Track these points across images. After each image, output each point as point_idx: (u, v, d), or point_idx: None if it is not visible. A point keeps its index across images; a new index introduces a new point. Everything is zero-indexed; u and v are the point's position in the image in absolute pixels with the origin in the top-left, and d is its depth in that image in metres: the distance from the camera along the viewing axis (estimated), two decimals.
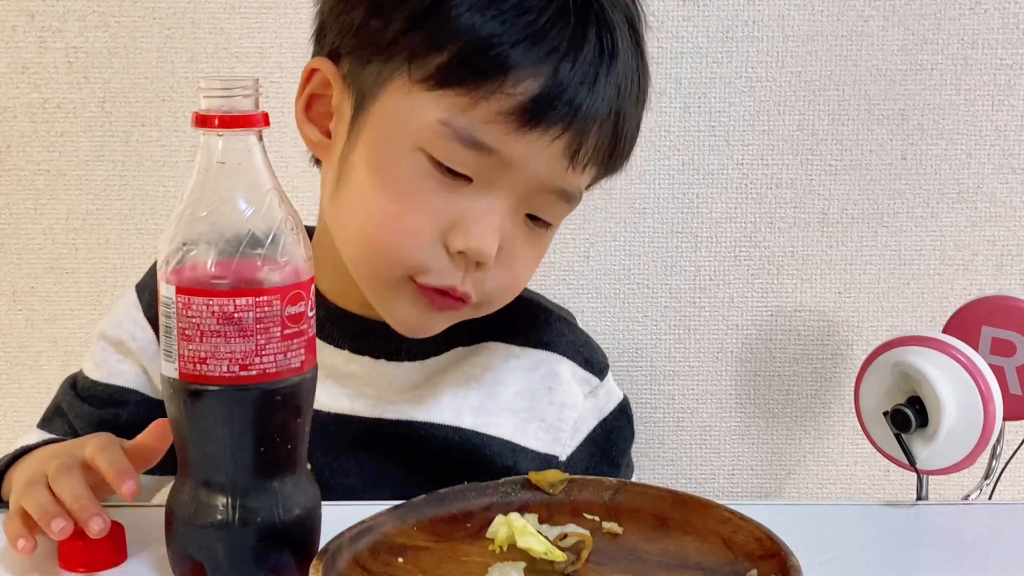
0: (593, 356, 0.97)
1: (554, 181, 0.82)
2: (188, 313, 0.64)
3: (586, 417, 0.95)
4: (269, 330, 0.64)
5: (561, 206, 0.85)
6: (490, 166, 0.80)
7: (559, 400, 0.93)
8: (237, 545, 0.66)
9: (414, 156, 0.80)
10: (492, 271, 0.83)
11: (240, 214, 0.65)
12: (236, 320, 0.63)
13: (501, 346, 0.93)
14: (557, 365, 0.94)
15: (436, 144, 0.79)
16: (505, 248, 0.82)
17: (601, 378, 0.96)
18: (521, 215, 0.83)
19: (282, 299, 0.65)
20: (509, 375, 0.92)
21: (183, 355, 0.64)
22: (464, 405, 0.91)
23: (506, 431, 0.91)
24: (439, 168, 0.80)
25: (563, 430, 0.93)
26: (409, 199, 0.80)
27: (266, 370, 0.64)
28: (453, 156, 0.79)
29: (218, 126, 0.65)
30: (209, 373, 0.64)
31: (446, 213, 0.80)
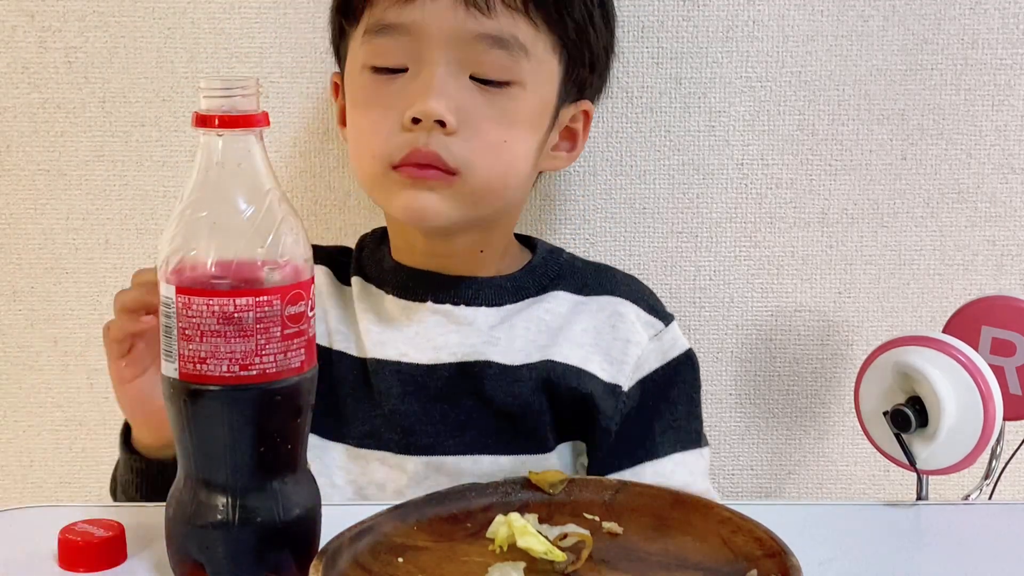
0: (658, 305, 1.03)
1: (468, 29, 0.90)
2: (188, 313, 0.64)
3: (649, 358, 0.99)
4: (269, 330, 0.64)
5: (497, 55, 0.91)
6: (409, 44, 0.91)
7: (623, 336, 0.98)
8: (237, 545, 0.66)
9: (362, 75, 0.94)
10: (458, 137, 0.90)
11: (240, 214, 0.65)
12: (236, 320, 0.64)
13: (568, 295, 1.00)
14: (621, 307, 1.00)
15: (367, 52, 0.93)
16: (462, 112, 0.90)
17: (666, 324, 1.01)
18: (465, 78, 0.91)
19: (282, 299, 0.65)
20: (576, 316, 0.99)
21: (183, 355, 0.64)
22: (534, 346, 0.97)
23: (573, 360, 0.96)
24: (379, 71, 0.93)
25: (626, 363, 0.97)
26: (367, 103, 0.94)
27: (266, 370, 0.64)
28: (380, 53, 0.92)
29: (218, 126, 0.65)
30: (209, 373, 0.64)
31: (397, 101, 0.91)
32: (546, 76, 0.95)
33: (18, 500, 1.22)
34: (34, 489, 1.23)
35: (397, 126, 0.91)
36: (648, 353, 0.99)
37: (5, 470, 1.23)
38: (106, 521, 0.73)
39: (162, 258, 0.65)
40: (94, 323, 1.20)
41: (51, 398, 1.21)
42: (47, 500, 1.22)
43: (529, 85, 0.93)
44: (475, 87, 0.92)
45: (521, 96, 0.93)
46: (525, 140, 0.95)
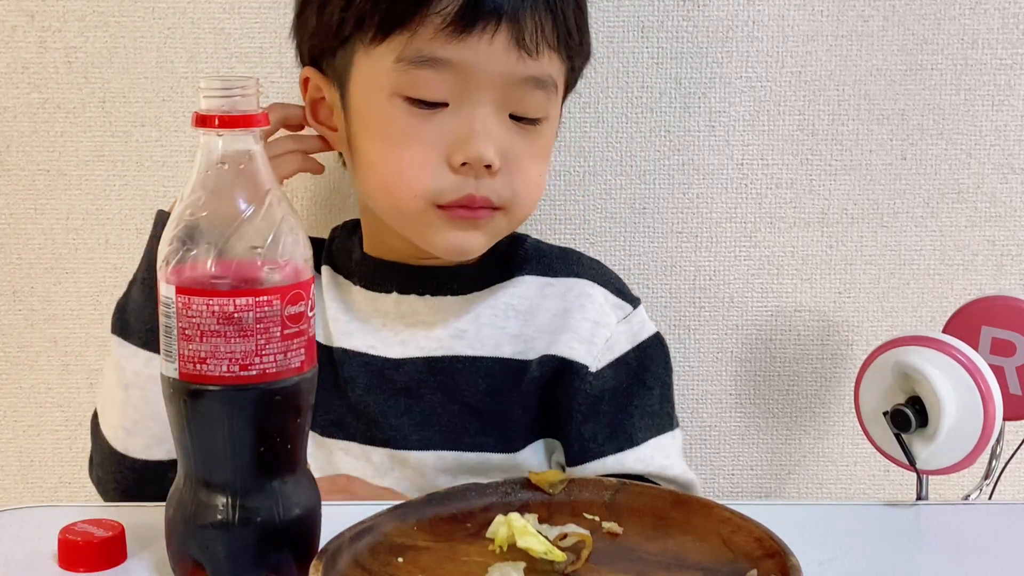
0: (625, 288, 1.03)
1: (516, 72, 0.90)
2: (188, 313, 0.64)
3: (619, 339, 0.99)
4: (269, 330, 0.64)
5: (538, 95, 0.92)
6: (454, 81, 0.89)
7: (591, 317, 0.98)
8: (237, 545, 0.66)
9: (392, 103, 0.90)
10: (501, 176, 0.91)
11: (240, 214, 0.65)
12: (236, 320, 0.63)
13: (535, 278, 1.00)
14: (589, 288, 1.00)
15: (402, 82, 0.89)
16: (505, 152, 0.91)
17: (634, 307, 1.01)
18: (505, 117, 0.91)
19: (282, 299, 0.65)
20: (544, 301, 0.99)
21: (183, 355, 0.64)
22: (503, 335, 0.97)
23: (540, 346, 0.97)
24: (415, 104, 0.90)
25: (595, 344, 0.97)
26: (403, 139, 0.90)
27: (266, 370, 0.64)
28: (419, 85, 0.89)
29: (218, 126, 0.65)
30: (209, 373, 0.64)
31: (438, 138, 0.90)
32: (558, 101, 0.97)
33: (18, 500, 1.22)
34: (34, 489, 1.23)
35: (441, 165, 0.90)
36: (617, 335, 0.99)
37: (5, 470, 1.23)
38: (106, 521, 0.73)
39: (162, 258, 0.65)
40: (94, 323, 1.20)
41: (51, 398, 1.22)
42: (47, 500, 1.22)
43: (552, 117, 0.95)
44: (514, 126, 0.92)
45: (548, 129, 0.95)
46: (548, 166, 0.98)
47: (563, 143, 1.17)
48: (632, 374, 0.99)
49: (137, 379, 0.93)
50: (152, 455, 0.94)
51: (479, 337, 0.97)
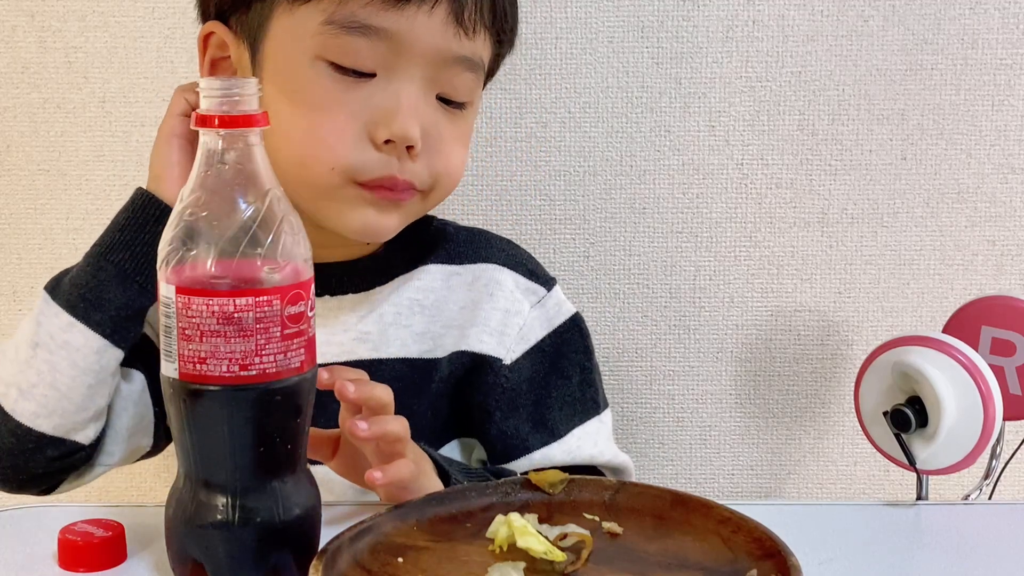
0: (537, 269, 0.98)
1: (451, 49, 0.85)
2: (188, 313, 0.64)
3: (533, 327, 0.95)
4: (269, 330, 0.64)
5: (467, 77, 0.87)
6: (385, 51, 0.83)
7: (502, 306, 0.94)
8: (237, 545, 0.66)
9: (315, 67, 0.84)
10: (424, 158, 0.86)
11: (240, 214, 0.65)
12: (236, 320, 0.63)
13: (440, 267, 0.95)
14: (498, 274, 0.95)
15: (329, 46, 0.83)
16: (429, 133, 0.85)
17: (548, 289, 0.96)
18: (432, 97, 0.86)
19: (282, 299, 0.65)
20: (451, 292, 0.94)
21: (183, 355, 0.64)
22: (409, 333, 0.92)
23: (449, 343, 0.93)
24: (341, 71, 0.84)
25: (508, 335, 0.93)
26: (323, 106, 0.84)
27: (266, 370, 0.64)
28: (348, 51, 0.83)
29: (218, 126, 0.65)
30: (209, 373, 0.64)
31: (362, 109, 0.84)
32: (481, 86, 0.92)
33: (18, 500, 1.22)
34: None
35: (362, 139, 0.84)
36: (531, 322, 0.95)
37: None
38: (106, 521, 0.73)
39: (162, 258, 0.65)
40: None
41: None
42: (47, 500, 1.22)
43: (475, 103, 0.91)
44: (439, 107, 0.87)
45: (471, 114, 0.91)
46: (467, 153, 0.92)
47: (563, 143, 1.17)
48: (549, 362, 0.95)
49: (51, 342, 0.85)
50: (38, 425, 0.85)
51: (384, 338, 0.92)
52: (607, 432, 0.96)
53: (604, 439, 0.95)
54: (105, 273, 0.85)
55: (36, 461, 0.85)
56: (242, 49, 0.88)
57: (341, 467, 0.80)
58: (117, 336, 0.84)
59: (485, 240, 0.98)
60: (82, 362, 0.83)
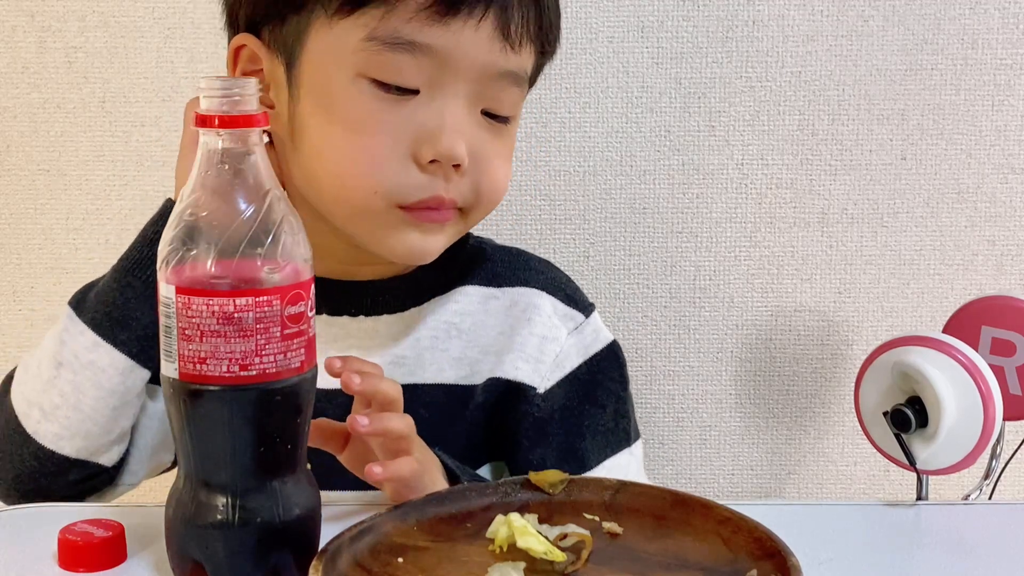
0: (576, 294, 0.95)
1: (497, 64, 0.82)
2: (188, 313, 0.64)
3: (570, 354, 0.92)
4: (269, 330, 0.64)
5: (512, 92, 0.84)
6: (430, 68, 0.80)
7: (539, 332, 0.91)
8: (237, 545, 0.66)
9: (356, 84, 0.80)
10: (469, 175, 0.83)
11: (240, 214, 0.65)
12: (236, 320, 0.63)
13: (478, 288, 0.92)
14: (537, 299, 0.92)
15: (371, 63, 0.80)
16: (473, 149, 0.82)
17: (586, 315, 0.94)
18: (477, 113, 0.83)
19: (282, 299, 0.64)
20: (488, 317, 0.91)
21: (183, 355, 0.64)
22: (445, 358, 0.90)
23: (485, 369, 0.90)
24: (383, 88, 0.80)
25: (543, 362, 0.90)
26: (366, 126, 0.80)
27: (266, 370, 0.64)
28: (391, 68, 0.80)
29: (218, 126, 0.65)
30: (209, 373, 0.64)
31: (406, 129, 0.80)
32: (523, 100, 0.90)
33: None
34: None
35: (406, 160, 0.81)
36: (568, 349, 0.92)
37: None
38: (106, 521, 0.73)
39: (161, 258, 0.65)
40: None
41: None
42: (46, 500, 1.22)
43: (519, 115, 0.88)
44: (484, 123, 0.84)
45: (513, 128, 0.88)
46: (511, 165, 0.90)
47: (563, 143, 1.17)
48: (583, 391, 0.92)
49: (75, 361, 0.83)
50: (61, 448, 0.83)
51: (419, 363, 0.89)
52: (638, 465, 0.93)
53: (634, 472, 0.92)
54: (132, 290, 0.83)
55: (58, 484, 0.84)
56: (276, 63, 0.84)
57: (350, 460, 0.78)
58: (144, 356, 0.82)
59: (524, 262, 0.95)
60: (107, 383, 0.82)
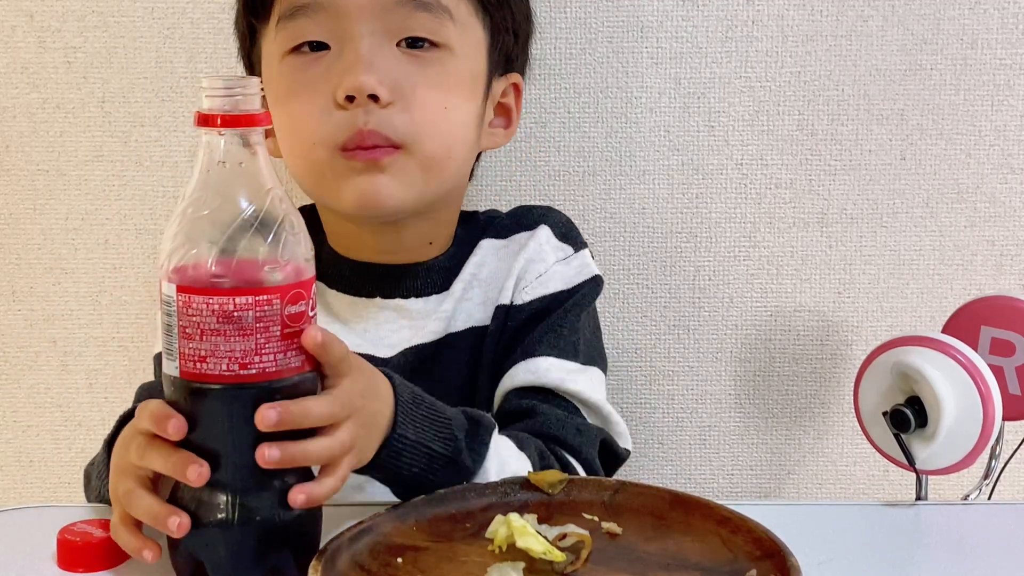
0: (571, 233, 1.01)
1: None
2: (188, 311, 0.64)
3: (553, 278, 0.97)
4: (269, 329, 0.64)
5: (422, 17, 0.89)
6: (328, 21, 0.88)
7: (528, 256, 0.97)
8: (237, 544, 0.66)
9: (282, 65, 0.91)
10: (396, 109, 0.87)
11: (241, 213, 0.65)
12: (236, 319, 0.64)
13: (491, 241, 0.99)
14: (536, 232, 0.99)
15: (283, 39, 0.90)
16: (396, 83, 0.87)
17: (576, 250, 0.99)
18: (392, 46, 0.89)
19: (282, 298, 0.65)
20: (500, 263, 0.98)
21: (183, 353, 0.64)
22: (472, 305, 0.97)
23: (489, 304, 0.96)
24: (298, 53, 0.89)
25: (526, 279, 0.96)
26: (294, 92, 0.89)
27: (265, 369, 0.65)
28: (296, 34, 0.89)
29: (220, 125, 0.65)
30: (209, 372, 0.64)
31: (325, 80, 0.88)
32: (473, 43, 0.94)
33: (17, 500, 1.22)
34: (33, 489, 1.23)
35: (329, 106, 0.87)
36: (552, 274, 0.97)
37: (4, 470, 1.23)
38: (105, 521, 0.73)
39: (163, 256, 0.65)
40: (93, 323, 1.20)
41: (50, 398, 1.21)
42: (46, 500, 1.22)
43: (458, 50, 0.91)
44: (404, 55, 0.89)
45: (451, 61, 0.91)
46: (463, 107, 0.93)
47: (563, 143, 1.17)
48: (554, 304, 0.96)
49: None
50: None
51: (456, 314, 0.96)
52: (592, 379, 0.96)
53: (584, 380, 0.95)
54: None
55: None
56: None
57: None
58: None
59: (527, 211, 1.02)
60: None
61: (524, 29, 1.01)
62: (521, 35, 1.01)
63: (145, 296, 1.20)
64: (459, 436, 0.78)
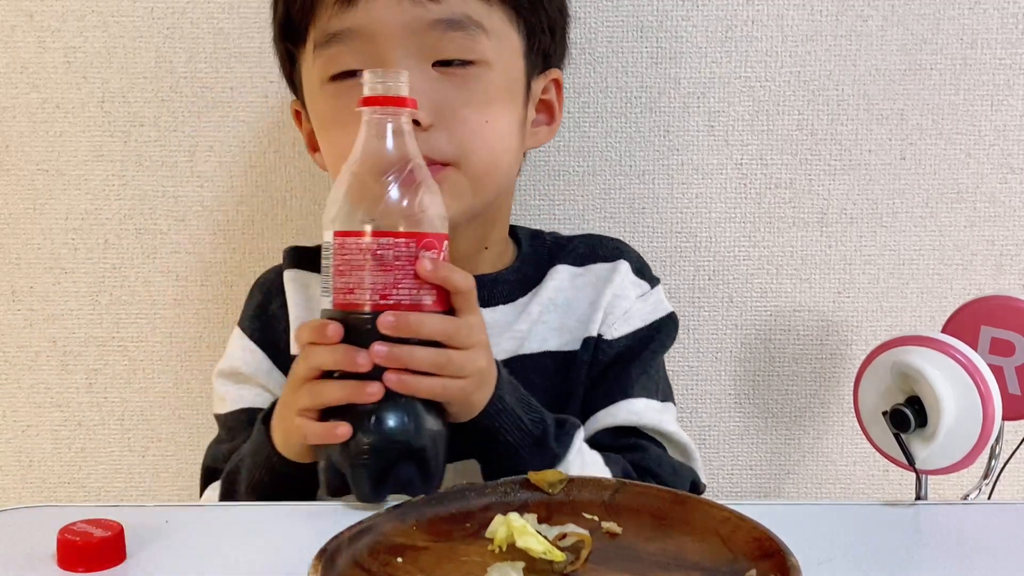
0: (646, 269, 1.05)
1: (420, 18, 0.89)
2: (342, 251, 0.77)
3: (635, 314, 1.01)
4: (405, 268, 0.77)
5: (455, 37, 0.90)
6: (362, 47, 0.89)
7: (614, 291, 1.01)
8: (376, 461, 0.76)
9: (322, 92, 0.93)
10: (439, 130, 0.90)
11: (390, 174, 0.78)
12: (379, 256, 0.77)
13: (567, 268, 1.02)
14: (617, 266, 1.03)
15: (321, 67, 0.92)
16: (436, 105, 0.89)
17: (652, 286, 1.04)
18: (427, 68, 0.90)
19: (417, 243, 0.78)
20: (578, 291, 1.01)
21: (336, 288, 0.77)
22: (547, 329, 1.00)
23: (580, 335, 1.00)
24: (337, 80, 0.91)
25: (613, 314, 1.00)
26: (335, 120, 0.92)
27: (401, 301, 0.77)
28: (333, 62, 0.91)
29: (376, 105, 0.79)
30: (356, 301, 0.77)
31: None
32: (509, 50, 0.94)
33: (17, 500, 1.22)
34: (33, 489, 1.23)
35: None
36: (634, 310, 1.01)
37: (4, 470, 1.23)
38: (105, 521, 0.73)
39: (328, 212, 0.78)
40: (93, 323, 1.20)
41: (50, 398, 1.22)
42: (46, 500, 1.22)
43: (494, 63, 0.92)
44: (441, 75, 0.90)
45: (488, 75, 0.92)
46: (505, 118, 0.94)
47: (563, 143, 1.17)
48: (639, 344, 1.00)
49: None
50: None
51: (529, 336, 0.99)
52: (673, 418, 1.01)
53: (671, 420, 1.00)
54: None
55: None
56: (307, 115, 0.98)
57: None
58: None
59: (600, 242, 1.06)
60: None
61: (560, 23, 1.01)
62: (557, 30, 1.00)
63: (145, 296, 1.20)
64: (548, 421, 0.86)
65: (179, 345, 1.21)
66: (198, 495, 0.98)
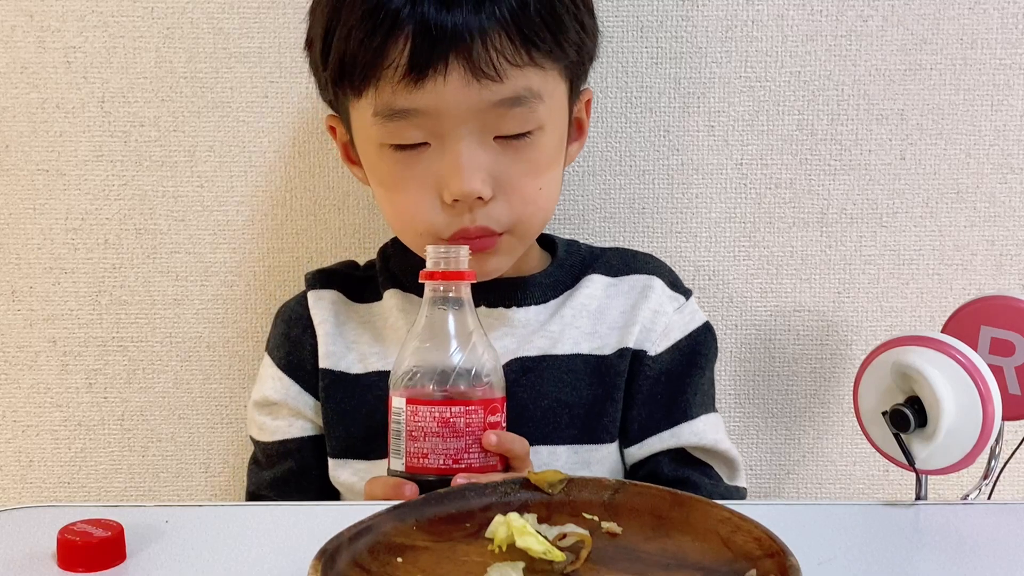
0: (678, 281, 1.09)
1: (484, 100, 0.91)
2: (415, 418, 0.84)
3: (673, 327, 1.04)
4: (474, 432, 0.85)
5: (516, 112, 0.92)
6: (428, 124, 0.91)
7: (652, 307, 1.04)
8: None
9: (381, 153, 0.95)
10: (498, 202, 0.94)
11: (453, 346, 0.85)
12: (451, 424, 0.84)
13: (600, 277, 1.06)
14: (650, 281, 1.06)
15: (382, 133, 0.93)
16: (497, 175, 0.93)
17: (686, 298, 1.07)
18: (490, 141, 0.93)
19: (484, 410, 0.85)
20: (610, 300, 1.05)
21: (409, 452, 0.85)
22: (579, 333, 1.03)
23: (613, 341, 1.02)
24: (400, 149, 0.93)
25: (654, 331, 1.03)
26: (397, 183, 0.95)
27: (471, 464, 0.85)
28: (397, 134, 0.93)
29: (437, 279, 0.86)
30: (429, 466, 0.84)
31: (427, 177, 0.93)
32: (559, 103, 0.96)
33: (17, 500, 1.22)
34: (33, 489, 1.23)
35: (435, 203, 0.94)
36: (672, 323, 1.04)
37: (4, 470, 1.23)
38: (105, 521, 0.73)
39: (394, 377, 0.86)
40: (93, 323, 1.20)
41: (50, 398, 1.22)
42: (46, 500, 1.22)
43: (548, 123, 0.95)
44: (500, 147, 0.93)
45: (543, 138, 0.95)
46: (555, 176, 0.98)
47: None
48: (685, 358, 1.04)
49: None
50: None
51: (561, 338, 1.01)
52: (723, 428, 1.06)
53: (723, 432, 1.05)
54: None
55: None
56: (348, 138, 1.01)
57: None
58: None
59: (632, 255, 1.09)
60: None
61: (593, 47, 1.01)
62: (594, 55, 1.02)
63: (145, 296, 1.20)
64: None
65: (179, 345, 1.21)
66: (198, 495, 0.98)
